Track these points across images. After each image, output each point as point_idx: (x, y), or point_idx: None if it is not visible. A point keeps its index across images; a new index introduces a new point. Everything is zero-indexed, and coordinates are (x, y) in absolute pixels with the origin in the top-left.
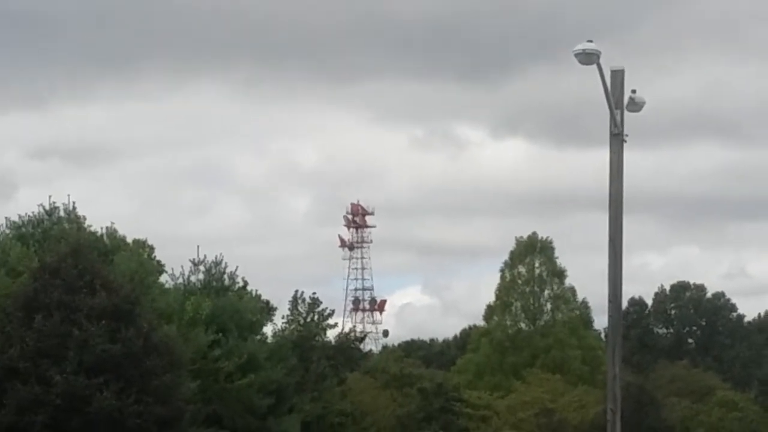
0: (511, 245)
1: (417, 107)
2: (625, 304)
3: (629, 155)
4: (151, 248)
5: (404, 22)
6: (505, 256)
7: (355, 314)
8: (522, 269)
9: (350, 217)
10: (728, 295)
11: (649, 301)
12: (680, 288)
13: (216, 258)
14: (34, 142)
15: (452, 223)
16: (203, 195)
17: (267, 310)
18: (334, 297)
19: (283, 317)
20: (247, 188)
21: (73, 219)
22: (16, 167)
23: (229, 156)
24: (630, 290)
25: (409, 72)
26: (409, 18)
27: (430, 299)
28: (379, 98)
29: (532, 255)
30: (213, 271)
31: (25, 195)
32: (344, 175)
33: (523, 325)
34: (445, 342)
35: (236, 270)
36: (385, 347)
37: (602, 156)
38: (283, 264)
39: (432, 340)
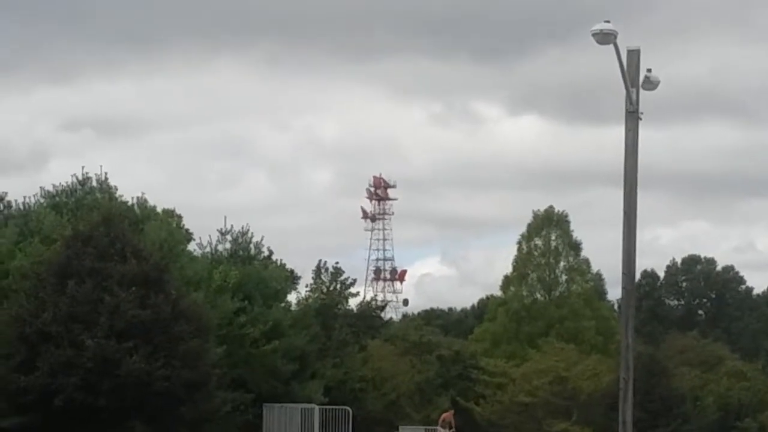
0: (527, 219)
1: (435, 85)
2: (637, 276)
3: (642, 132)
4: (180, 218)
5: (424, 3)
6: (521, 229)
7: (376, 284)
8: (538, 241)
9: (372, 189)
10: (737, 269)
11: (661, 274)
12: (691, 261)
13: (242, 228)
14: (65, 114)
15: (469, 197)
16: (229, 168)
17: (291, 279)
18: (356, 267)
19: (306, 286)
20: (271, 162)
21: (105, 189)
22: (48, 139)
23: (254, 130)
24: (642, 263)
25: (427, 51)
26: None
27: (448, 270)
28: (399, 76)
29: (549, 228)
30: (239, 240)
31: (57, 166)
32: (365, 150)
33: (539, 296)
34: (463, 311)
35: (262, 240)
36: (405, 316)
37: (614, 133)
38: (307, 235)
39: (450, 309)
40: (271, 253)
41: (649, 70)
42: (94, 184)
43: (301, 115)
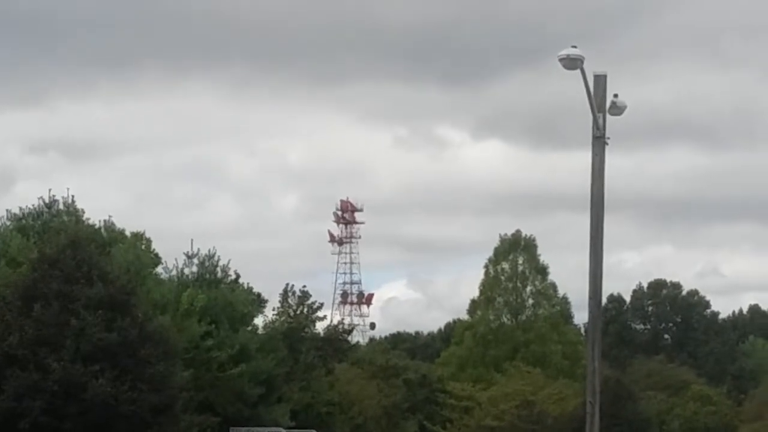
0: (493, 243)
1: (401, 109)
2: (604, 300)
3: (608, 157)
4: (149, 241)
5: (389, 28)
6: (487, 253)
7: (343, 307)
8: (505, 265)
9: (340, 213)
10: (702, 293)
11: (627, 298)
12: (657, 285)
13: (209, 251)
14: (32, 137)
15: (435, 221)
16: (196, 191)
17: (258, 303)
18: (322, 290)
19: (273, 309)
20: (239, 185)
21: (72, 212)
22: (14, 162)
23: (221, 154)
24: (608, 287)
25: (393, 75)
26: (394, 23)
27: (415, 293)
28: (365, 100)
29: (516, 252)
30: (206, 264)
31: (23, 189)
32: (331, 174)
33: (505, 320)
34: (430, 335)
35: (228, 263)
36: (372, 339)
37: (580, 158)
38: (274, 258)
39: (417, 333)
40: (237, 276)
41: (615, 95)
42: (61, 207)
43: (269, 139)
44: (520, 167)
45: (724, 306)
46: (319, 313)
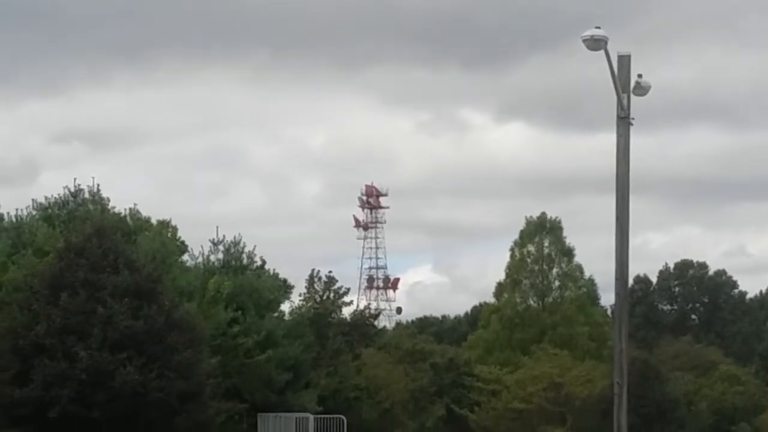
0: (518, 226)
1: (423, 93)
2: (630, 281)
3: (632, 138)
4: (175, 229)
5: (411, 11)
6: (512, 236)
7: (370, 292)
8: (531, 248)
9: (365, 198)
10: (730, 273)
11: (654, 279)
12: (684, 266)
13: (234, 238)
14: (55, 127)
15: (459, 205)
16: (220, 179)
17: (284, 289)
18: (348, 276)
19: (299, 295)
20: (262, 172)
21: (98, 200)
22: (38, 152)
23: (244, 141)
24: (634, 268)
25: (415, 59)
26: (416, 7)
27: (440, 277)
28: (387, 85)
29: (542, 234)
30: (232, 250)
31: (47, 178)
32: (354, 159)
33: (531, 302)
34: (457, 318)
35: (254, 249)
36: (398, 324)
37: (603, 139)
38: (299, 244)
39: (443, 316)
40: (263, 262)
41: (639, 76)
42: (86, 195)
43: (291, 125)
44: (544, 149)
45: (751, 285)
46: (346, 299)
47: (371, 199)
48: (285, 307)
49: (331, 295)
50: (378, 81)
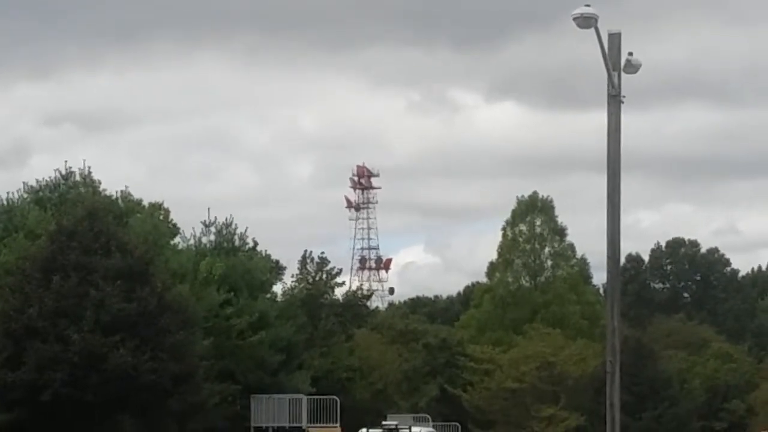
0: (509, 205)
1: (413, 73)
2: (622, 260)
3: (623, 116)
4: (167, 211)
5: None
6: (503, 216)
7: (362, 273)
8: (523, 227)
9: (356, 179)
10: (722, 251)
11: (646, 257)
12: (675, 244)
13: (226, 220)
14: (46, 110)
15: (451, 184)
16: (211, 160)
17: (276, 270)
18: (341, 256)
19: (292, 276)
20: (253, 153)
21: (89, 183)
22: (29, 134)
23: (234, 123)
24: (626, 247)
25: (404, 39)
26: None
27: (432, 258)
28: (377, 65)
29: (533, 214)
30: (224, 232)
31: (38, 161)
32: (345, 140)
33: (524, 282)
34: (449, 298)
35: (246, 231)
36: (391, 304)
37: (594, 118)
38: (291, 225)
39: (436, 296)
40: (255, 244)
41: (630, 54)
42: (78, 178)
43: (282, 107)
44: (535, 128)
45: (742, 263)
46: (338, 279)
47: (363, 179)
48: (277, 288)
49: (324, 276)
50: (369, 61)
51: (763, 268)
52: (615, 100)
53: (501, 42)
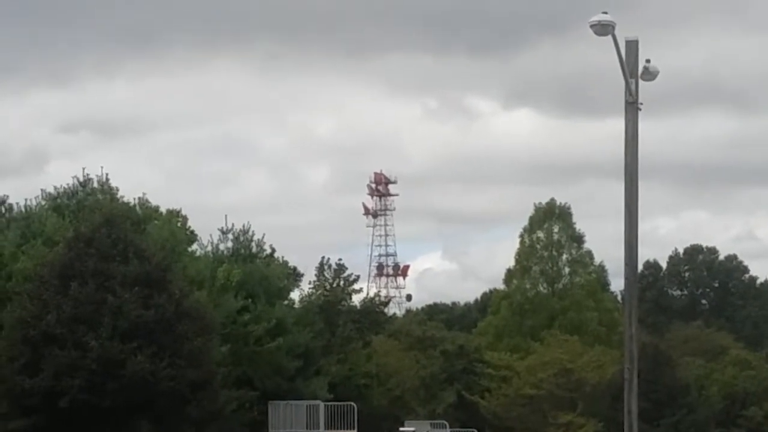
0: (526, 212)
1: (429, 80)
2: (640, 267)
3: (640, 123)
4: (184, 218)
5: None
6: (520, 223)
7: (379, 279)
8: (541, 234)
9: (374, 185)
10: (740, 258)
11: (664, 264)
12: (693, 251)
13: (243, 226)
14: (62, 117)
15: (468, 191)
16: (227, 167)
17: (294, 277)
18: (358, 263)
19: (309, 283)
20: (270, 160)
21: (107, 190)
22: (46, 141)
23: (251, 129)
24: (644, 254)
25: (421, 46)
26: None
27: (450, 264)
28: (393, 71)
29: (551, 221)
30: (241, 239)
31: (55, 168)
32: (361, 146)
33: (541, 288)
34: (466, 305)
35: (263, 238)
36: (408, 311)
37: (609, 125)
38: (308, 232)
39: (454, 303)
40: (273, 250)
41: (647, 61)
42: (96, 185)
43: (298, 113)
44: (552, 136)
45: (761, 270)
46: (356, 286)
47: (380, 186)
48: (295, 294)
49: (341, 282)
50: (385, 68)
51: None
52: (632, 107)
53: (517, 49)
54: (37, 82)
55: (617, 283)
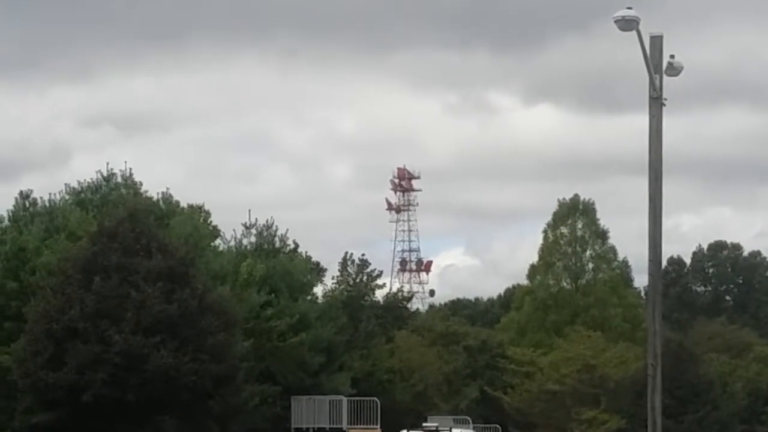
0: (549, 208)
1: (451, 75)
2: (664, 263)
3: (664, 119)
4: (207, 213)
5: None
6: (543, 218)
7: (402, 275)
8: (564, 230)
9: (397, 181)
10: (764, 254)
11: (688, 260)
12: (717, 247)
13: (267, 222)
14: (85, 112)
15: (490, 187)
16: (250, 162)
17: (317, 272)
18: (381, 258)
19: (333, 278)
20: (292, 156)
21: (130, 185)
22: (68, 137)
23: (273, 125)
24: (667, 250)
25: (442, 41)
26: None
27: (473, 260)
28: (414, 67)
29: (575, 216)
30: (264, 234)
31: (78, 163)
32: (382, 142)
33: (565, 284)
34: (489, 301)
35: (286, 233)
36: (431, 306)
37: (631, 120)
38: (331, 227)
39: (477, 299)
40: (296, 246)
41: (672, 56)
42: (119, 179)
43: (320, 109)
44: (573, 131)
45: None
46: (379, 281)
47: (403, 181)
48: (318, 290)
49: (364, 278)
50: (406, 63)
51: None
52: (657, 102)
53: (539, 45)
54: (59, 77)
55: (641, 279)
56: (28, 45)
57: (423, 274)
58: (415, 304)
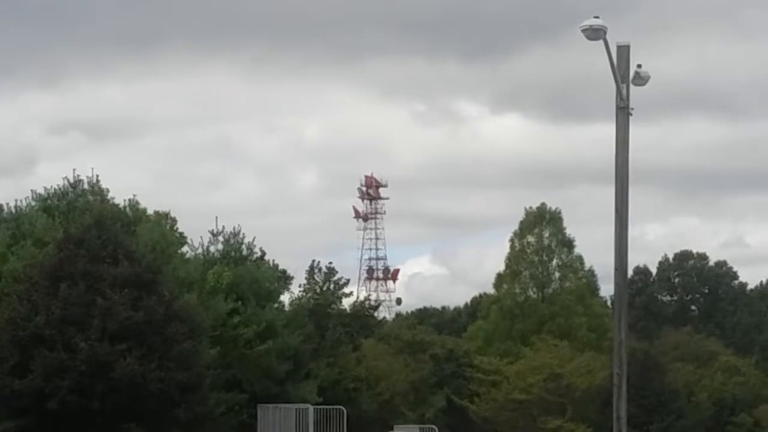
0: (515, 217)
1: (419, 84)
2: (630, 272)
3: (631, 128)
4: (174, 220)
5: (408, 3)
6: (509, 227)
7: (369, 283)
8: (531, 239)
9: (364, 189)
10: (730, 264)
11: (654, 270)
12: (683, 257)
13: (234, 229)
14: (53, 118)
15: (457, 196)
16: (218, 170)
17: (284, 279)
18: (348, 267)
19: (299, 286)
20: (260, 163)
21: (97, 191)
22: (36, 143)
23: (242, 132)
24: (633, 259)
25: (411, 51)
26: None
27: (439, 268)
28: (383, 76)
29: (541, 225)
30: (231, 241)
31: (45, 169)
32: (351, 150)
33: (531, 293)
34: (456, 309)
35: (253, 240)
36: (398, 315)
37: (599, 130)
38: (298, 235)
39: (443, 307)
40: (263, 253)
41: (639, 66)
42: (86, 186)
43: (288, 117)
44: (541, 140)
45: (750, 276)
46: (345, 290)
47: (371, 189)
48: (285, 297)
49: (331, 286)
50: (375, 72)
51: None
52: (623, 112)
53: (507, 54)
54: (28, 83)
55: (607, 289)
56: None
57: (390, 283)
58: (382, 313)
